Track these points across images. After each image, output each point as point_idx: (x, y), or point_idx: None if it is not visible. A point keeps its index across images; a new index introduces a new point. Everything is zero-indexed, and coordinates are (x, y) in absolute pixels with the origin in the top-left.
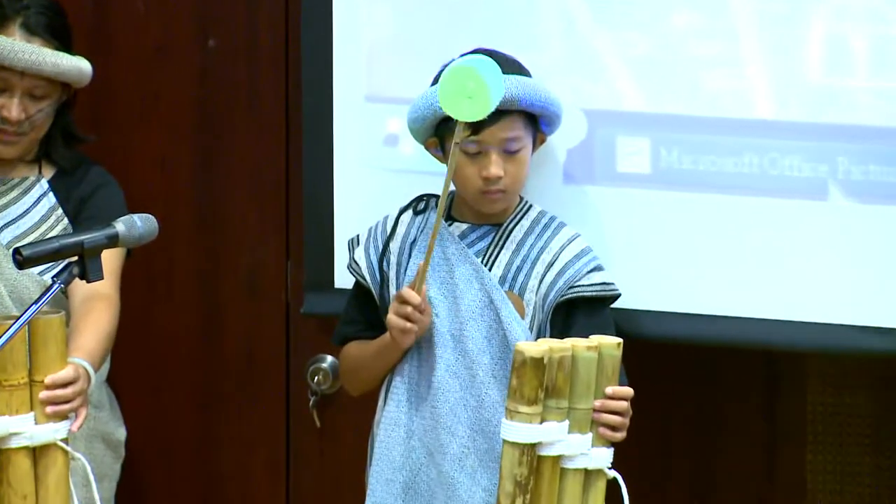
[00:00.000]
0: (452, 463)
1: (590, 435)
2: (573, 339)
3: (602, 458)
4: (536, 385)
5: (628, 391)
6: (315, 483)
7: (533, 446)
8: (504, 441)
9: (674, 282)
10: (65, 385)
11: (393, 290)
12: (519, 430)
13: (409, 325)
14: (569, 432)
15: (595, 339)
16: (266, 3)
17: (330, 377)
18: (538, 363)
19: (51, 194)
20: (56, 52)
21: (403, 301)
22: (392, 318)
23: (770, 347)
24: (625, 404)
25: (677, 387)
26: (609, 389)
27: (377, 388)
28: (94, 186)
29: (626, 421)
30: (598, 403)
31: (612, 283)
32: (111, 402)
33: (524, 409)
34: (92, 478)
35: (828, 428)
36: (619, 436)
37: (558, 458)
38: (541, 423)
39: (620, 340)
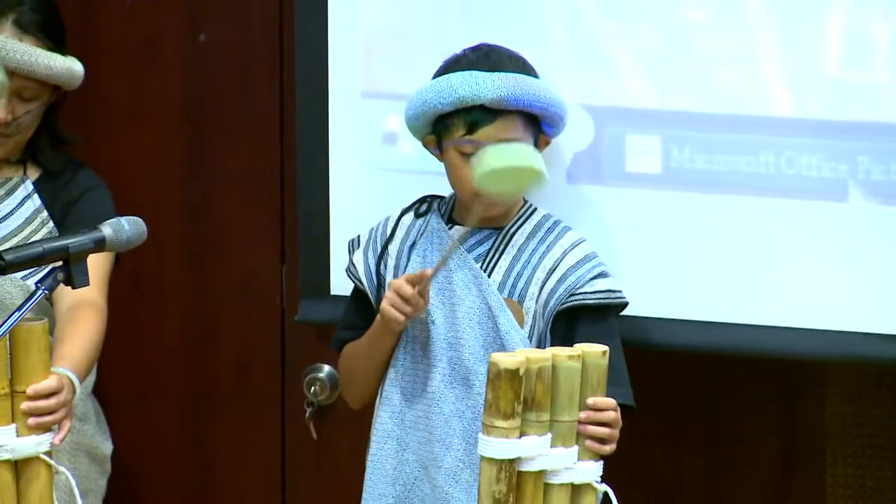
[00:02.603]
0: (447, 477)
1: (575, 448)
2: (553, 348)
3: (589, 471)
4: (513, 398)
5: (611, 402)
6: (311, 497)
7: (511, 462)
8: (481, 457)
9: (684, 287)
10: (48, 396)
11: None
12: (496, 446)
13: (401, 316)
14: (552, 446)
15: (578, 348)
16: None
17: (327, 387)
18: (513, 375)
19: (36, 196)
20: (49, 53)
21: (398, 293)
22: (385, 307)
23: (786, 356)
24: (612, 415)
25: (688, 398)
26: (590, 401)
27: (373, 395)
28: (81, 189)
29: (616, 432)
30: (583, 415)
31: (619, 291)
32: (97, 414)
33: (500, 423)
34: (77, 493)
35: (848, 440)
36: (608, 448)
37: (541, 474)
38: (519, 437)
39: (606, 348)
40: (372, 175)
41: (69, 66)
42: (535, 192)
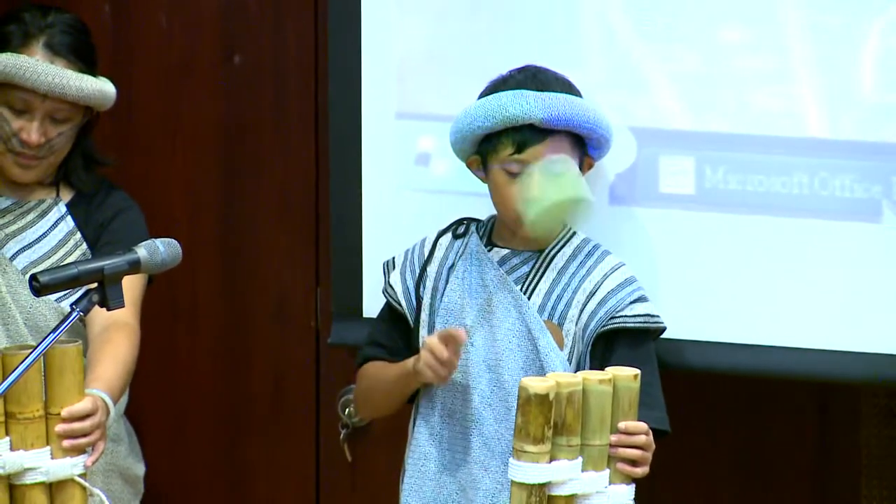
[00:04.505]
0: (485, 499)
1: (607, 472)
2: (585, 371)
3: (621, 495)
4: (542, 422)
5: (642, 425)
6: None
7: (542, 486)
8: (511, 481)
9: (717, 309)
10: (82, 418)
11: (426, 315)
12: (526, 471)
13: (438, 379)
14: (583, 470)
15: (609, 372)
16: (293, 17)
17: None
18: (543, 399)
19: (69, 218)
20: (80, 75)
21: (434, 355)
22: (423, 369)
23: (821, 379)
24: (644, 438)
25: (721, 420)
26: (622, 424)
27: (389, 415)
28: (114, 211)
29: (648, 456)
30: (614, 438)
31: (657, 316)
32: (129, 435)
33: (530, 448)
34: None
35: (884, 462)
36: (640, 472)
37: (572, 498)
38: (550, 461)
39: (637, 372)
40: (405, 196)
41: (101, 88)
42: (583, 221)
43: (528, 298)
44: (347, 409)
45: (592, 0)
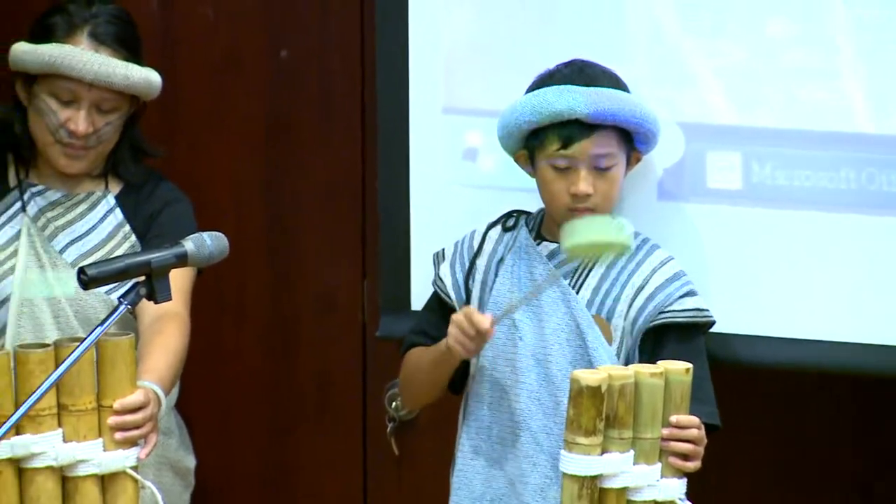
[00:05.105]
0: (534, 493)
1: (658, 465)
2: (636, 365)
3: (672, 489)
4: (594, 415)
5: (694, 419)
6: None
7: (594, 479)
8: (563, 474)
9: (765, 304)
10: (134, 410)
11: (475, 308)
12: (578, 462)
13: (468, 350)
14: (634, 463)
15: (661, 365)
16: (340, 11)
17: None
18: (595, 392)
19: (118, 210)
20: (126, 64)
21: (471, 322)
22: (455, 332)
23: (869, 374)
24: (696, 432)
25: (770, 416)
26: (673, 418)
27: (433, 404)
28: (162, 203)
29: (700, 450)
30: (665, 432)
31: (706, 310)
32: (180, 428)
33: (582, 440)
34: None
35: None
36: (693, 465)
37: (624, 491)
38: (601, 454)
39: (689, 366)
40: (452, 191)
41: (146, 76)
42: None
43: (577, 293)
44: (394, 403)
45: None
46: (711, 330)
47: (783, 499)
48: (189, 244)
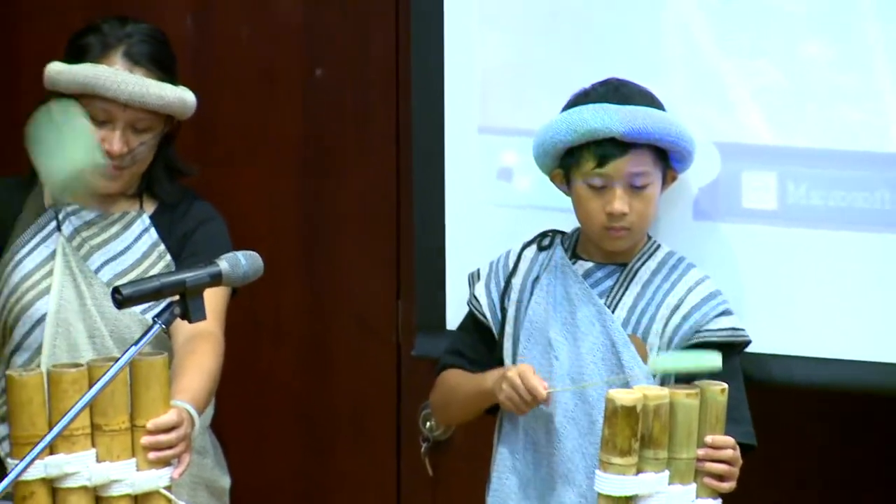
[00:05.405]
0: None
1: (693, 486)
2: (672, 385)
3: None
4: (629, 435)
5: (729, 440)
6: None
7: (629, 499)
8: (598, 494)
9: (803, 324)
10: (168, 430)
11: (511, 327)
12: (612, 483)
13: (519, 410)
14: (669, 483)
15: (696, 385)
16: (376, 30)
17: None
18: (630, 412)
19: (153, 230)
20: (160, 83)
21: (526, 388)
22: (508, 391)
23: None
24: (731, 453)
25: (807, 436)
26: (709, 438)
27: (469, 427)
28: (197, 222)
29: (735, 470)
30: (701, 452)
31: (742, 329)
32: (215, 448)
33: (617, 460)
34: None
35: None
36: (728, 486)
37: None
38: (637, 474)
39: (725, 386)
40: (487, 210)
41: (181, 96)
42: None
43: (613, 312)
44: (428, 423)
45: (675, 13)
46: (747, 350)
47: None
48: (223, 263)
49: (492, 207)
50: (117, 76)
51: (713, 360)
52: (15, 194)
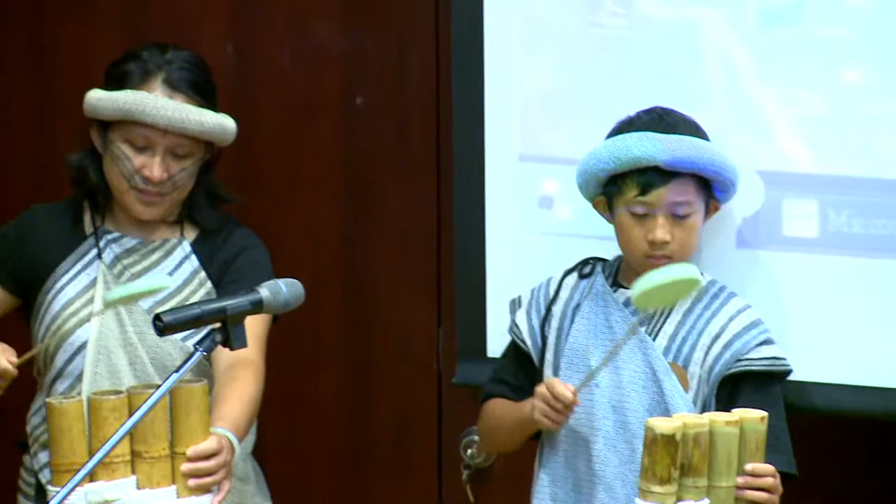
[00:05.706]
0: None
1: None
2: (711, 413)
3: None
4: (669, 463)
5: (769, 468)
6: None
7: None
8: None
9: (844, 352)
10: (208, 457)
11: (551, 355)
12: None
13: (556, 422)
14: None
15: (736, 413)
16: (416, 58)
17: None
18: (669, 440)
19: (193, 257)
20: (200, 110)
21: (554, 395)
22: (541, 406)
23: None
24: (771, 481)
25: (849, 465)
26: (749, 466)
27: (512, 454)
28: (238, 249)
29: (775, 499)
30: (741, 480)
31: (783, 359)
32: (257, 475)
33: (657, 488)
34: None
35: None
36: None
37: None
38: (676, 502)
39: (765, 414)
40: (528, 238)
41: (221, 122)
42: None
43: (654, 340)
44: (469, 450)
45: (716, 42)
46: (788, 378)
47: None
48: (265, 291)
49: (532, 235)
50: (157, 102)
51: (685, 267)
52: (55, 220)
